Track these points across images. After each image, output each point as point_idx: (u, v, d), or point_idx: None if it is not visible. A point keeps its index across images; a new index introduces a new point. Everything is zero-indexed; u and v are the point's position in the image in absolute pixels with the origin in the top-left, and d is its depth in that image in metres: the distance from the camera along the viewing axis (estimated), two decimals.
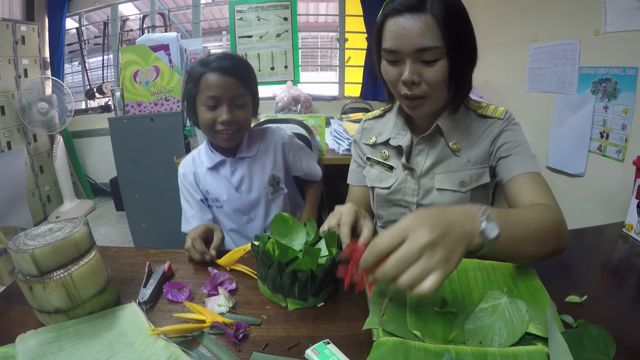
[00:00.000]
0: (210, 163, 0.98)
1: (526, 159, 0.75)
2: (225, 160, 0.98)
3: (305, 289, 0.58)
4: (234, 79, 0.88)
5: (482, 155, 0.78)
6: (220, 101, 0.88)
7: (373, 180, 0.89)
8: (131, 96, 2.06)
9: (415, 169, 0.81)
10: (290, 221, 0.70)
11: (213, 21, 4.38)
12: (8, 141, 2.72)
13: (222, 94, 0.87)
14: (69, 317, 0.54)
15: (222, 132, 0.90)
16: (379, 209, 0.91)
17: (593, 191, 1.43)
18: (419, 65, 0.69)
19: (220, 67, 0.87)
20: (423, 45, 0.67)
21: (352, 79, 3.31)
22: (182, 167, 1.04)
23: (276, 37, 2.90)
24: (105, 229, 2.86)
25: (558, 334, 0.45)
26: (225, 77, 0.87)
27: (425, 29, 0.66)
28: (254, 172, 0.99)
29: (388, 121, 0.89)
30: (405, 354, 0.45)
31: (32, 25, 2.93)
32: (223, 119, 0.88)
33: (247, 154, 0.99)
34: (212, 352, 0.50)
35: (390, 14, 0.69)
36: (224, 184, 0.98)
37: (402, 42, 0.67)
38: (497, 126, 0.78)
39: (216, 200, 1.00)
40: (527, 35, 1.76)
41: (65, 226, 0.58)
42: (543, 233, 0.58)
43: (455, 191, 0.79)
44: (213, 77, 0.87)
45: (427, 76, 0.69)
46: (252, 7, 2.85)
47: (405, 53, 0.68)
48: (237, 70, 0.89)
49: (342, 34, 3.25)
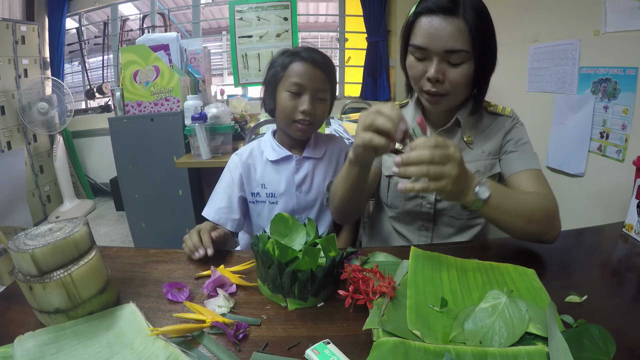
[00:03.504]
0: (274, 156, 0.96)
1: (529, 157, 0.82)
2: (291, 157, 0.96)
3: (305, 289, 0.58)
4: (322, 73, 0.88)
5: (495, 147, 0.84)
6: (305, 90, 0.87)
7: (390, 169, 0.90)
8: (131, 96, 2.06)
9: None
10: (290, 221, 0.70)
11: (213, 21, 4.38)
12: (8, 141, 2.72)
13: (308, 83, 0.87)
14: (69, 317, 0.54)
15: (300, 122, 0.89)
16: (394, 199, 0.91)
17: (593, 191, 1.43)
18: (445, 65, 0.72)
19: (310, 57, 0.88)
20: (452, 47, 0.70)
21: (352, 79, 3.32)
22: (237, 157, 0.98)
23: (276, 37, 2.90)
24: (105, 229, 2.86)
25: (558, 334, 0.45)
26: (314, 69, 0.87)
27: (456, 32, 0.69)
28: (317, 174, 0.98)
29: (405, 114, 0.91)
30: (405, 354, 0.45)
31: (32, 25, 2.93)
32: (304, 108, 0.87)
33: (313, 154, 0.97)
34: (212, 352, 0.50)
35: (424, 13, 0.71)
36: (285, 180, 0.95)
37: (433, 41, 0.70)
38: (508, 122, 0.85)
39: (272, 195, 0.96)
40: (527, 35, 1.76)
41: (65, 226, 0.58)
42: (531, 212, 0.68)
43: None
44: (302, 66, 0.87)
45: (452, 76, 0.73)
46: (252, 7, 2.86)
47: (434, 52, 0.71)
48: (326, 65, 0.90)
49: (342, 34, 3.25)
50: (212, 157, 1.81)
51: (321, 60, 0.89)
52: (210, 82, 2.51)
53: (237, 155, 0.99)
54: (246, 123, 2.13)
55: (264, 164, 0.97)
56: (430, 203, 0.86)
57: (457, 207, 0.85)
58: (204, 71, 2.35)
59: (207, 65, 2.44)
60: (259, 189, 0.97)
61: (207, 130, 1.79)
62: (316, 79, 0.88)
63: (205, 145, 1.77)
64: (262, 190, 0.97)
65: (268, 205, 0.97)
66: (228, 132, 1.87)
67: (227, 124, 1.88)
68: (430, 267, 0.64)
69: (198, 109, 1.88)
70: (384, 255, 0.71)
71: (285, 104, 0.89)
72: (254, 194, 0.97)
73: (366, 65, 3.06)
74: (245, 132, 2.03)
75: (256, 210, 0.99)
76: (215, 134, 1.85)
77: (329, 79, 0.91)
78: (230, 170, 0.98)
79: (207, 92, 2.34)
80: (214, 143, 1.86)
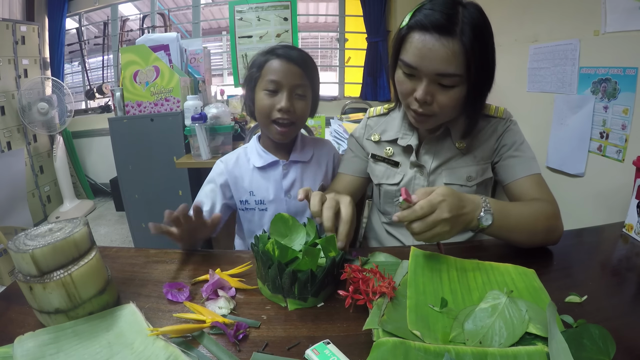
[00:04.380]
0: (261, 162, 0.93)
1: (527, 161, 0.80)
2: (278, 162, 0.94)
3: (305, 289, 0.58)
4: (298, 68, 0.85)
5: (488, 152, 0.83)
6: (282, 87, 0.85)
7: (380, 177, 0.90)
8: (131, 96, 2.06)
9: (424, 165, 0.84)
10: (290, 221, 0.71)
11: (213, 21, 4.38)
12: (8, 141, 2.73)
13: (284, 79, 0.84)
14: (69, 318, 0.54)
15: (279, 121, 0.86)
16: (386, 205, 0.91)
17: (593, 191, 1.43)
18: (435, 86, 0.69)
19: (286, 54, 0.85)
20: (444, 71, 0.66)
21: (352, 79, 3.31)
22: (223, 165, 0.96)
23: (276, 37, 2.90)
24: (105, 229, 2.86)
25: (558, 334, 0.45)
26: (290, 65, 0.85)
27: (450, 55, 0.65)
28: (305, 178, 0.96)
29: (393, 120, 0.90)
30: (405, 354, 0.45)
31: (32, 26, 2.93)
32: (281, 105, 0.84)
33: (300, 158, 0.95)
34: (212, 352, 0.50)
35: (418, 29, 0.67)
36: (272, 186, 0.93)
37: (424, 62, 0.67)
38: (500, 125, 0.82)
39: (261, 202, 0.94)
40: (527, 35, 1.76)
41: (65, 226, 0.58)
42: (534, 226, 0.69)
43: (462, 185, 0.83)
44: (278, 63, 0.85)
45: (441, 99, 0.70)
46: (252, 7, 2.85)
47: (425, 73, 0.68)
48: (303, 60, 0.87)
49: (342, 34, 3.25)
50: (212, 157, 1.81)
51: (297, 56, 0.86)
52: (210, 82, 2.51)
53: (223, 163, 0.97)
54: (246, 123, 2.13)
55: (251, 171, 0.95)
56: None
57: None
58: (204, 71, 2.35)
59: (207, 65, 2.44)
60: (248, 196, 0.94)
61: (207, 130, 1.80)
62: (293, 74, 0.85)
63: (205, 145, 1.78)
64: (251, 198, 0.94)
65: (258, 212, 0.95)
66: (228, 133, 1.87)
67: (227, 124, 1.88)
68: (430, 267, 0.64)
69: (198, 109, 1.88)
70: (384, 255, 0.71)
71: (262, 104, 0.86)
72: (243, 201, 0.95)
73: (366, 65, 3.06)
74: (245, 132, 2.03)
75: (247, 217, 0.97)
76: (215, 134, 1.85)
77: (307, 74, 0.87)
78: (215, 177, 0.95)
79: (207, 92, 2.34)
80: (214, 143, 1.87)
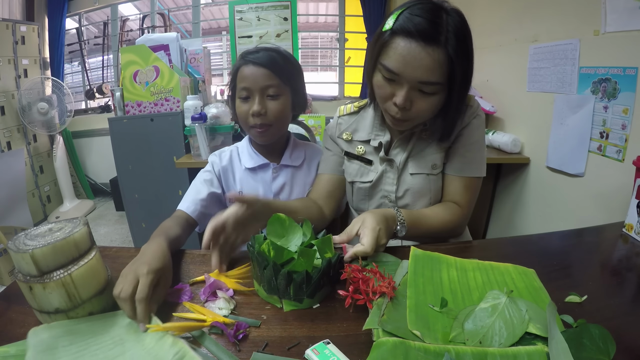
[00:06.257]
0: (251, 164, 0.95)
1: (468, 162, 0.81)
2: (268, 165, 0.95)
3: (300, 290, 0.58)
4: (266, 70, 0.86)
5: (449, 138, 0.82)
6: (252, 92, 0.86)
7: (354, 176, 0.90)
8: (131, 96, 2.06)
9: (394, 159, 0.85)
10: (287, 222, 0.70)
11: (213, 21, 4.38)
12: (8, 141, 2.72)
13: (253, 84, 0.86)
14: (69, 318, 0.54)
15: (255, 126, 0.88)
16: (359, 203, 0.92)
17: (593, 191, 1.43)
18: (415, 92, 0.69)
19: (253, 58, 0.86)
20: (427, 80, 0.66)
21: (352, 79, 3.31)
22: (217, 158, 0.98)
23: (276, 37, 2.90)
24: (105, 229, 2.86)
25: (558, 334, 0.45)
26: (257, 68, 0.85)
27: (434, 64, 0.65)
28: (295, 182, 0.97)
29: (364, 119, 0.90)
30: (405, 354, 0.45)
31: (32, 26, 2.93)
32: (253, 109, 0.86)
33: (291, 162, 0.96)
34: (212, 352, 0.50)
35: (402, 34, 0.66)
36: (262, 187, 0.95)
37: (407, 69, 0.66)
38: (468, 114, 0.80)
39: None
40: (527, 35, 1.76)
41: (65, 226, 0.58)
42: (439, 232, 0.81)
43: (428, 174, 0.83)
44: (247, 69, 0.86)
45: (419, 105, 0.70)
46: (252, 7, 2.85)
47: (407, 80, 0.67)
48: (272, 60, 0.86)
49: (342, 34, 3.25)
50: None
51: (265, 57, 0.86)
52: (210, 82, 2.51)
53: (216, 156, 0.99)
54: None
55: (242, 171, 0.96)
56: (392, 201, 0.86)
57: (418, 203, 0.85)
58: (204, 71, 2.35)
59: (207, 65, 2.44)
60: None
61: (207, 130, 1.80)
62: (261, 77, 0.86)
63: (205, 145, 1.78)
64: None
65: None
66: (228, 132, 1.87)
67: (227, 124, 1.88)
68: (430, 267, 0.64)
69: (198, 109, 1.88)
70: (384, 255, 0.71)
71: (239, 111, 0.89)
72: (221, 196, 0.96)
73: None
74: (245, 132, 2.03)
75: None
76: (215, 134, 1.86)
77: (278, 73, 0.87)
78: (211, 167, 0.97)
79: (207, 92, 2.34)
80: (214, 143, 1.87)
